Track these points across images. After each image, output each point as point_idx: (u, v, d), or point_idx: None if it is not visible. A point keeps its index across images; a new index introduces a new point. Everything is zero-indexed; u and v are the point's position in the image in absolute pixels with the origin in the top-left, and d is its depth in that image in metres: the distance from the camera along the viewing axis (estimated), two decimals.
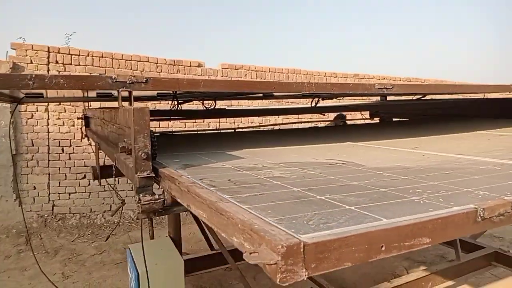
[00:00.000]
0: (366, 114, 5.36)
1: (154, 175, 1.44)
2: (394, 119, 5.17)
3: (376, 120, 5.55)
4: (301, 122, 5.50)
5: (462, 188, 1.20)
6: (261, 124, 7.02)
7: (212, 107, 3.70)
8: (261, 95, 3.23)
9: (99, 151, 3.55)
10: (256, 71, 7.18)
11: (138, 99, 3.76)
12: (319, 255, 0.74)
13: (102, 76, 1.59)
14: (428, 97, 4.04)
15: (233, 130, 5.22)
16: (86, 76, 2.01)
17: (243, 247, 0.81)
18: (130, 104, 1.67)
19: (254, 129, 6.15)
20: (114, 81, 1.60)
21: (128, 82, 1.63)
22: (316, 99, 3.66)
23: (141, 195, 1.43)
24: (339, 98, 5.26)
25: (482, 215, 0.96)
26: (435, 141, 2.62)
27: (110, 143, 2.14)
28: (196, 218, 3.75)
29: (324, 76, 8.24)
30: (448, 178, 1.36)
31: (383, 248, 0.80)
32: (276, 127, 7.03)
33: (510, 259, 3.89)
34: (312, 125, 5.25)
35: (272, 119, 7.30)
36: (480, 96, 3.87)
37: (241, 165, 1.69)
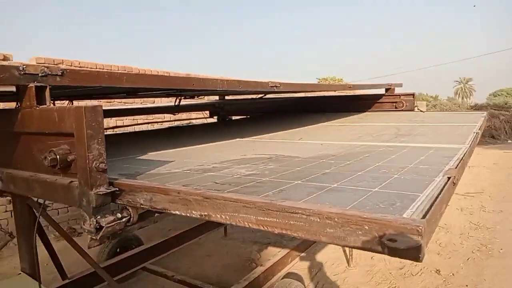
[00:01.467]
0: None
1: (115, 189, 1.13)
2: (234, 117, 5.53)
3: (214, 119, 5.80)
4: (176, 121, 5.21)
5: (406, 164, 1.47)
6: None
7: None
8: (124, 94, 2.93)
9: None
10: (80, 67, 6.21)
11: None
12: (428, 229, 0.79)
13: (6, 66, 1.12)
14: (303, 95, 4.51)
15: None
16: None
17: (354, 240, 0.78)
18: (41, 103, 1.23)
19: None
20: (22, 73, 1.15)
21: (40, 74, 1.20)
22: (180, 97, 3.56)
23: (98, 217, 1.10)
24: (199, 96, 5.22)
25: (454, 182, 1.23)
26: (309, 132, 2.99)
27: None
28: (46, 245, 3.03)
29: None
30: (380, 159, 1.63)
31: None
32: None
33: None
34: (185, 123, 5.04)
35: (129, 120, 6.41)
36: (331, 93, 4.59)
37: (192, 168, 1.51)
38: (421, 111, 4.84)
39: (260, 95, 4.60)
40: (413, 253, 0.72)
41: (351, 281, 4.30)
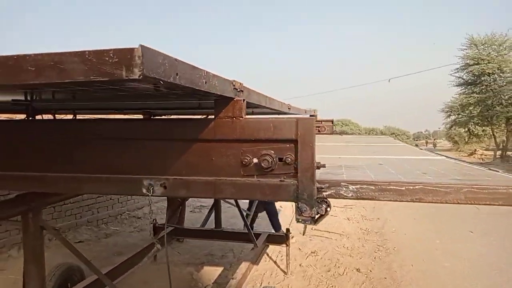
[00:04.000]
0: None
1: (326, 184, 1.33)
2: None
3: None
4: None
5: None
6: None
7: None
8: None
9: None
10: None
11: None
12: None
13: (227, 80, 1.22)
14: None
15: None
16: None
17: None
18: (241, 115, 1.32)
19: None
20: (233, 87, 1.26)
21: (238, 89, 1.32)
22: None
23: (316, 207, 1.30)
24: None
25: None
26: None
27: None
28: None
29: None
30: (394, 166, 2.17)
31: None
32: None
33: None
34: None
35: None
36: None
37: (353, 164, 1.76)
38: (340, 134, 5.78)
39: None
40: None
41: (295, 287, 4.76)
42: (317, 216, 1.30)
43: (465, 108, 21.05)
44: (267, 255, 5.90)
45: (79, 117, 3.32)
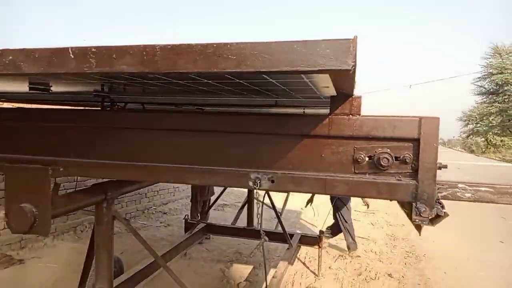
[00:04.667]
0: None
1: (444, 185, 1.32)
2: None
3: None
4: None
5: None
6: None
7: None
8: None
9: None
10: None
11: None
12: None
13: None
14: None
15: None
16: None
17: None
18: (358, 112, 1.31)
19: None
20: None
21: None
22: None
23: (436, 207, 1.28)
24: None
25: None
26: None
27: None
28: None
29: None
30: None
31: None
32: None
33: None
34: None
35: None
36: None
37: None
38: None
39: None
40: None
41: None
42: (438, 217, 1.28)
43: (485, 118, 20.77)
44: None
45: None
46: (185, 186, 8.42)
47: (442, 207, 1.33)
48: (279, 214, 5.03)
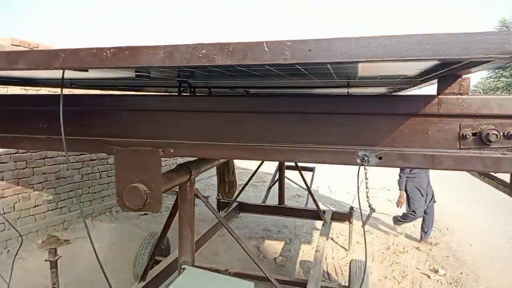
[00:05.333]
0: None
1: None
2: None
3: None
4: None
5: None
6: None
7: None
8: None
9: None
10: None
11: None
12: None
13: None
14: None
15: None
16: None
17: None
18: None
19: None
20: None
21: None
22: None
23: None
24: None
25: None
26: None
27: None
28: None
29: None
30: None
31: None
32: None
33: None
34: None
35: None
36: None
37: None
38: None
39: None
40: None
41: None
42: None
43: (491, 92, 20.80)
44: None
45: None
46: None
47: None
48: (311, 191, 5.19)
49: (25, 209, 4.54)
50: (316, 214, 5.12)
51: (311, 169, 6.36)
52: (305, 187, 5.20)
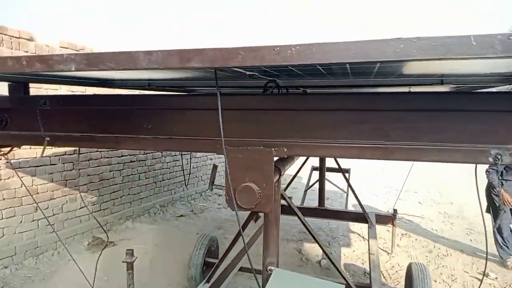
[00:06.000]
0: None
1: None
2: None
3: None
4: None
5: None
6: None
7: None
8: None
9: None
10: None
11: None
12: None
13: None
14: None
15: None
16: None
17: None
18: None
19: None
20: None
21: None
22: None
23: None
24: None
25: None
26: None
27: None
28: None
29: None
30: None
31: None
32: None
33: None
34: None
35: None
36: None
37: None
38: None
39: None
40: None
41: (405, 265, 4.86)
42: None
43: None
44: (359, 235, 6.04)
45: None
46: None
47: None
48: (357, 195, 5.14)
49: (72, 211, 4.55)
50: (359, 216, 5.07)
51: (347, 171, 6.31)
52: (344, 189, 5.16)
